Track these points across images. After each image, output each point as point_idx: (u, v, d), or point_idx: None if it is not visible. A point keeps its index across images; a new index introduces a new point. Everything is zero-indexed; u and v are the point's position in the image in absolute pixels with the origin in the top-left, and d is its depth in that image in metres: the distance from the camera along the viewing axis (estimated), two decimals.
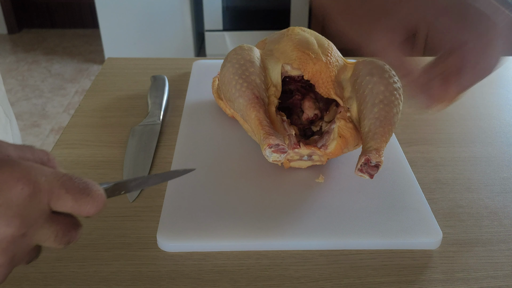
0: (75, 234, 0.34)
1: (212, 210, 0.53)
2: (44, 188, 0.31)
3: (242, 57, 0.58)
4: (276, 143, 0.50)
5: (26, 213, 0.30)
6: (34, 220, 0.31)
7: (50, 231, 0.32)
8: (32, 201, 0.30)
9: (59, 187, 0.31)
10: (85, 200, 0.32)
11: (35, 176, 0.30)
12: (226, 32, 3.04)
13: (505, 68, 0.91)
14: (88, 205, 0.32)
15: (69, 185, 0.32)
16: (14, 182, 0.29)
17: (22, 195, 0.30)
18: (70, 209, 0.32)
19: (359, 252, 0.50)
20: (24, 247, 0.31)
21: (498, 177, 0.62)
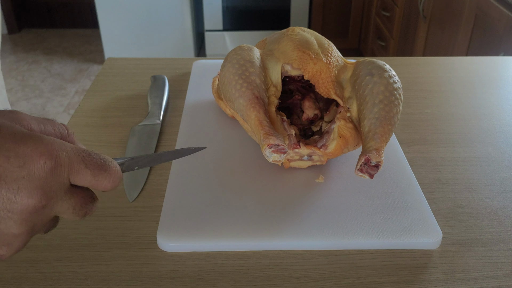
0: (91, 207, 0.36)
1: (212, 210, 0.53)
2: (65, 162, 0.32)
3: (242, 57, 0.58)
4: (276, 143, 0.50)
5: (47, 186, 0.31)
6: (55, 193, 0.32)
7: (68, 203, 0.33)
8: (54, 174, 0.31)
9: (78, 162, 0.33)
10: (103, 175, 0.34)
11: (57, 151, 0.32)
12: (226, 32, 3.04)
13: (505, 68, 0.91)
14: (105, 180, 0.34)
15: (88, 160, 0.33)
16: (38, 156, 0.31)
17: (44, 168, 0.31)
18: (88, 183, 0.34)
19: (359, 252, 0.50)
20: (43, 218, 0.33)
21: (498, 177, 0.62)
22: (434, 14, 1.98)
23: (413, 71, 0.88)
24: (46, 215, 0.33)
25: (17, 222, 0.31)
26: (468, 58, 0.98)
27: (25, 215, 0.31)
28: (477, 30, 1.63)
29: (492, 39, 1.53)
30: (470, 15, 1.66)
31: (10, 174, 0.30)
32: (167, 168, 0.61)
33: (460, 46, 1.74)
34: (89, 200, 0.35)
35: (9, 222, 0.31)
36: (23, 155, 0.30)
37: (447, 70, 0.89)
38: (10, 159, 0.30)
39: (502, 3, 1.47)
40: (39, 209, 0.31)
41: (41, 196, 0.31)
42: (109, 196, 0.57)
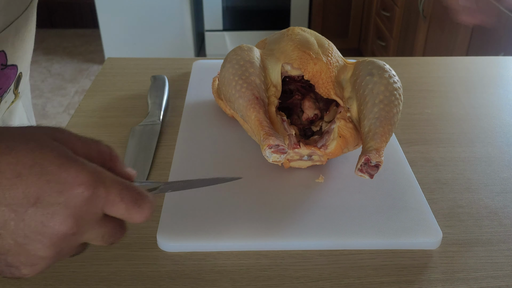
0: (120, 236, 0.36)
1: (212, 210, 0.53)
2: (102, 194, 0.32)
3: (242, 58, 0.58)
4: (276, 143, 0.50)
5: (81, 215, 0.31)
6: (87, 222, 0.32)
7: (99, 232, 0.34)
8: (89, 205, 0.31)
9: (115, 195, 0.33)
10: (136, 210, 0.34)
11: (96, 182, 0.31)
12: (226, 32, 3.04)
13: (505, 68, 0.91)
14: (138, 215, 0.34)
15: (125, 194, 0.33)
16: (77, 184, 0.31)
17: (81, 198, 0.31)
18: (121, 215, 0.34)
19: (359, 252, 0.50)
20: (72, 244, 0.33)
21: (498, 177, 0.62)
22: (434, 14, 1.98)
23: (413, 71, 0.88)
24: (74, 241, 0.33)
25: (45, 245, 0.31)
26: (468, 58, 0.98)
27: (55, 240, 0.31)
28: (477, 30, 1.63)
29: (492, 39, 1.53)
30: None
31: (47, 198, 0.30)
32: (167, 169, 0.61)
33: (460, 46, 1.74)
34: (119, 229, 0.35)
35: (38, 245, 0.31)
36: (64, 182, 0.30)
37: (447, 70, 0.89)
38: (51, 184, 0.30)
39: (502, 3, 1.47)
40: (69, 236, 0.31)
41: (73, 224, 0.31)
42: None
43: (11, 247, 0.30)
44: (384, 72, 0.56)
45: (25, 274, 0.32)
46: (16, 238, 0.30)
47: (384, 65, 0.57)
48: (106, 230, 0.34)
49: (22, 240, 0.30)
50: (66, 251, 0.33)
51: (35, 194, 0.30)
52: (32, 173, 0.30)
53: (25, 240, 0.30)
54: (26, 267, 0.32)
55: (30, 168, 0.30)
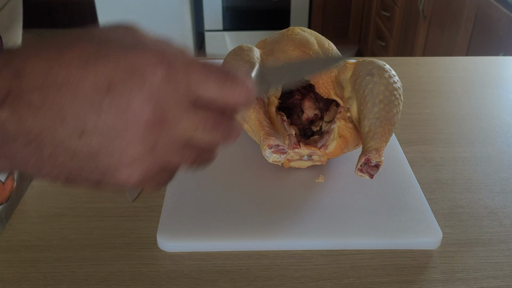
0: (230, 124, 0.30)
1: (212, 210, 0.53)
2: (181, 69, 0.28)
3: (242, 58, 0.58)
4: (276, 143, 0.50)
5: (163, 96, 0.27)
6: (173, 106, 0.28)
7: (195, 120, 0.29)
8: (169, 83, 0.27)
9: (198, 71, 0.28)
10: (230, 86, 0.29)
11: (170, 57, 0.28)
12: (226, 32, 3.04)
13: (505, 68, 0.91)
14: (235, 93, 0.29)
15: (210, 69, 0.29)
16: (148, 62, 0.27)
17: (156, 76, 0.27)
18: (215, 95, 0.29)
19: (359, 252, 0.50)
20: (165, 138, 0.28)
21: (498, 177, 0.62)
22: (434, 14, 1.98)
23: (413, 71, 0.88)
24: (169, 134, 0.28)
25: (133, 137, 0.27)
26: (468, 58, 0.98)
27: (141, 130, 0.27)
28: (477, 30, 1.63)
29: (492, 39, 1.53)
30: (470, 15, 1.66)
31: (119, 82, 0.27)
32: None
33: (460, 46, 1.74)
34: (223, 116, 0.30)
35: (125, 137, 0.27)
36: (133, 61, 0.27)
37: (447, 70, 0.89)
38: (119, 66, 0.27)
39: (502, 3, 1.47)
40: (157, 123, 0.27)
41: (155, 108, 0.27)
42: (109, 196, 0.57)
43: (99, 147, 0.27)
44: (384, 72, 0.56)
45: (126, 178, 0.28)
46: (101, 134, 0.27)
47: (384, 65, 0.57)
48: (205, 117, 0.29)
49: (108, 135, 0.27)
50: (162, 149, 0.28)
51: (106, 80, 0.26)
52: (98, 59, 0.27)
53: (111, 134, 0.27)
54: (123, 170, 0.28)
55: (95, 54, 0.27)
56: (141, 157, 0.28)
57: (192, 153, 0.30)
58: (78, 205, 0.56)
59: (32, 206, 0.56)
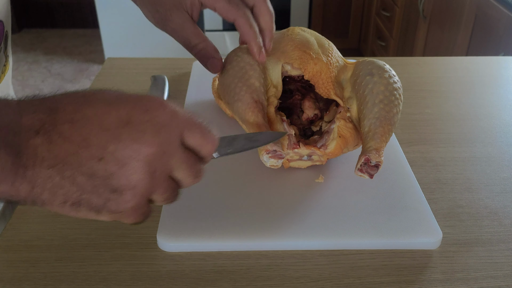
0: (200, 169, 0.38)
1: (212, 210, 0.53)
2: (181, 116, 0.36)
3: (242, 59, 0.58)
4: (274, 149, 0.50)
5: (167, 133, 0.35)
6: (172, 142, 0.35)
7: (182, 157, 0.36)
8: (172, 124, 0.35)
9: (190, 120, 0.36)
10: (208, 137, 0.37)
11: (174, 106, 0.36)
12: (226, 32, 3.04)
13: (505, 68, 0.91)
14: (209, 144, 0.38)
15: (197, 121, 0.37)
16: (159, 105, 0.35)
17: (165, 115, 0.35)
18: (196, 143, 0.37)
19: (359, 252, 0.50)
20: (163, 166, 0.35)
21: (498, 177, 0.62)
22: (434, 14, 1.98)
23: (413, 71, 0.88)
24: (165, 163, 0.35)
25: (141, 163, 0.33)
26: (468, 58, 0.98)
27: (148, 157, 0.33)
28: (477, 30, 1.63)
29: (492, 39, 1.53)
30: (470, 15, 1.66)
31: (136, 118, 0.33)
32: None
33: (460, 46, 1.74)
34: (197, 161, 0.38)
35: (134, 164, 0.33)
36: (147, 104, 0.34)
37: (447, 70, 0.89)
38: (136, 106, 0.34)
39: (502, 3, 1.47)
40: (160, 154, 0.34)
41: (161, 139, 0.34)
42: None
43: (114, 170, 0.33)
44: (384, 72, 0.56)
45: (128, 199, 0.34)
46: (117, 159, 0.33)
47: (384, 65, 0.57)
48: (189, 157, 0.37)
49: (122, 160, 0.33)
50: (159, 175, 0.35)
51: (126, 116, 0.33)
52: (120, 101, 0.34)
53: (125, 160, 0.33)
54: (127, 191, 0.33)
55: (117, 98, 0.34)
56: (142, 181, 0.34)
57: (171, 187, 0.37)
58: None
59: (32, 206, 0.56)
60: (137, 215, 0.36)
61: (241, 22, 0.55)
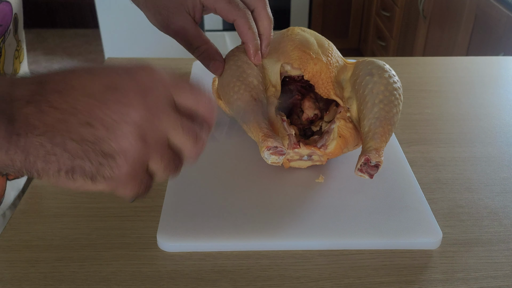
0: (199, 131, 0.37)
1: (212, 210, 0.53)
2: (167, 78, 0.36)
3: (239, 59, 0.58)
4: (275, 145, 0.50)
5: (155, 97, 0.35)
6: (162, 105, 0.35)
7: (176, 119, 0.36)
8: (159, 87, 0.35)
9: (178, 80, 0.37)
10: (201, 94, 0.37)
11: (160, 71, 0.36)
12: (226, 32, 3.04)
13: (505, 68, 0.91)
14: (203, 102, 0.37)
15: (186, 80, 0.37)
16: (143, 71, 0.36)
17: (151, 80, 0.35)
18: (190, 102, 0.37)
19: (359, 252, 0.50)
20: (154, 131, 0.35)
21: (498, 177, 0.62)
22: (434, 14, 1.98)
23: (413, 71, 0.88)
24: (156, 127, 0.35)
25: (130, 127, 0.34)
26: (468, 58, 0.98)
27: (137, 120, 0.34)
28: (477, 30, 1.63)
29: (492, 39, 1.53)
30: (470, 15, 1.66)
31: (121, 83, 0.34)
32: None
33: (460, 46, 1.74)
34: (195, 123, 0.37)
35: (124, 128, 0.34)
36: (131, 72, 0.35)
37: (447, 70, 0.89)
38: (121, 74, 0.35)
39: (502, 3, 1.47)
40: (148, 116, 0.34)
41: (148, 102, 0.34)
42: (109, 196, 0.57)
43: (103, 134, 0.33)
44: (384, 72, 0.56)
45: (120, 164, 0.34)
46: (104, 124, 0.33)
47: (384, 65, 0.57)
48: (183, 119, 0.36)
49: (110, 124, 0.33)
50: (152, 139, 0.35)
51: (110, 83, 0.34)
52: (103, 72, 0.35)
53: (112, 124, 0.33)
54: (119, 156, 0.34)
55: (101, 69, 0.35)
56: (133, 145, 0.34)
57: (169, 155, 0.37)
58: (78, 205, 0.56)
59: (32, 206, 0.56)
60: (135, 184, 0.36)
61: (240, 22, 0.56)
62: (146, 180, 0.37)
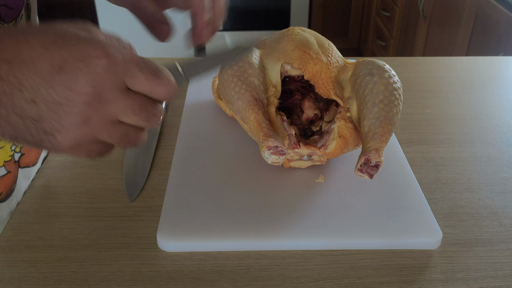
0: (154, 111, 0.37)
1: (212, 210, 0.53)
2: (120, 63, 0.35)
3: (240, 59, 0.58)
4: (275, 145, 0.50)
5: (102, 81, 0.34)
6: (109, 90, 0.35)
7: (126, 103, 0.36)
8: (108, 72, 0.34)
9: (133, 65, 0.35)
10: (156, 81, 0.36)
11: (113, 52, 0.35)
12: (226, 32, 3.04)
13: (505, 68, 0.91)
14: (159, 87, 0.36)
15: (142, 65, 0.36)
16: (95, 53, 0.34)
17: (100, 65, 0.34)
18: (143, 89, 0.36)
19: (359, 252, 0.50)
20: (99, 114, 0.35)
21: (498, 177, 0.62)
22: (434, 14, 1.98)
23: (413, 71, 0.88)
24: (102, 111, 0.35)
25: (73, 109, 0.34)
26: (468, 58, 0.98)
27: (80, 104, 0.34)
28: (477, 30, 1.63)
29: (492, 39, 1.53)
30: (470, 15, 1.66)
31: (70, 65, 0.34)
32: (167, 168, 0.61)
33: (460, 46, 1.74)
34: (149, 103, 0.37)
35: (66, 109, 0.34)
36: (83, 51, 0.34)
37: (447, 70, 0.89)
38: (72, 52, 0.34)
39: (502, 3, 1.47)
40: (94, 102, 0.34)
41: (94, 88, 0.34)
42: (109, 196, 0.57)
43: (45, 113, 0.34)
44: (384, 72, 0.56)
45: (60, 141, 0.35)
46: (48, 104, 0.34)
47: (384, 65, 0.57)
48: (134, 102, 0.36)
49: (53, 105, 0.34)
50: (97, 121, 0.35)
51: (59, 62, 0.33)
52: (56, 45, 0.34)
53: (56, 106, 0.34)
54: (60, 133, 0.35)
55: (55, 42, 0.34)
56: (75, 126, 0.35)
57: (119, 131, 0.37)
58: (78, 205, 0.56)
59: (32, 206, 0.56)
60: (81, 153, 0.37)
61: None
62: (99, 148, 0.38)
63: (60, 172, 0.61)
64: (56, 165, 0.62)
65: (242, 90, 0.55)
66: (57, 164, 0.62)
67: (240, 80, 0.56)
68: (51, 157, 0.64)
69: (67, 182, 0.59)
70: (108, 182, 0.59)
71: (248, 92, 0.55)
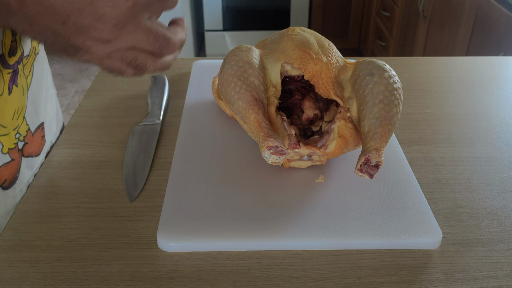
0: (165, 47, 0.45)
1: (212, 210, 0.53)
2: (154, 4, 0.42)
3: (241, 59, 0.58)
4: (275, 145, 0.50)
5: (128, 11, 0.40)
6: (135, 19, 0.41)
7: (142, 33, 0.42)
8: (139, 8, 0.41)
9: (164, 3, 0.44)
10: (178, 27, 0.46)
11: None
12: (226, 32, 3.04)
13: (505, 68, 0.91)
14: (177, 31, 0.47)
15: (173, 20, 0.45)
16: None
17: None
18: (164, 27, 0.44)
19: (359, 252, 0.50)
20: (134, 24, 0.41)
21: (498, 177, 0.62)
22: (434, 14, 1.98)
23: (413, 71, 0.88)
24: (136, 20, 0.41)
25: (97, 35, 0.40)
26: (468, 58, 0.98)
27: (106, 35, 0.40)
28: (477, 30, 1.63)
29: (492, 39, 1.53)
30: (470, 15, 1.66)
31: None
32: (167, 168, 0.62)
33: (460, 46, 1.74)
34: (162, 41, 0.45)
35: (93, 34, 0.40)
36: None
37: (447, 70, 0.89)
38: None
39: (502, 3, 1.47)
40: (132, 12, 0.40)
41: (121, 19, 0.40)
42: (109, 196, 0.57)
43: (82, 5, 0.38)
44: (384, 72, 0.56)
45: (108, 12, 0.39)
46: (78, 26, 0.39)
47: (384, 65, 0.57)
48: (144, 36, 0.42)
49: (81, 28, 0.39)
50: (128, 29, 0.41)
51: None
52: None
53: (82, 29, 0.39)
54: (83, 49, 0.41)
55: None
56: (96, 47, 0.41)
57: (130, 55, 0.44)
58: (78, 205, 0.56)
59: (32, 206, 0.56)
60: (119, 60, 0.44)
61: None
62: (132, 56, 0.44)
63: (60, 172, 0.61)
64: (56, 165, 0.62)
65: (242, 90, 0.55)
66: (57, 164, 0.62)
67: (240, 80, 0.56)
68: (52, 157, 0.64)
69: (67, 182, 0.59)
70: (108, 182, 0.59)
71: (248, 92, 0.55)
